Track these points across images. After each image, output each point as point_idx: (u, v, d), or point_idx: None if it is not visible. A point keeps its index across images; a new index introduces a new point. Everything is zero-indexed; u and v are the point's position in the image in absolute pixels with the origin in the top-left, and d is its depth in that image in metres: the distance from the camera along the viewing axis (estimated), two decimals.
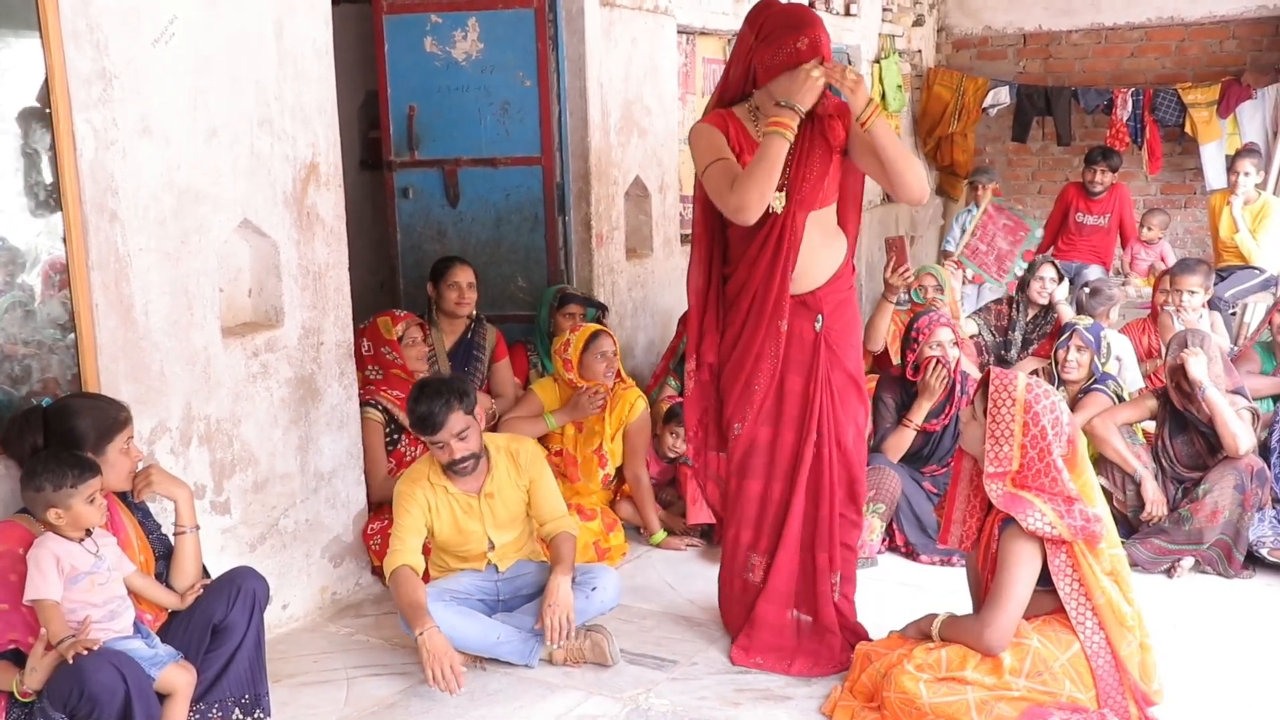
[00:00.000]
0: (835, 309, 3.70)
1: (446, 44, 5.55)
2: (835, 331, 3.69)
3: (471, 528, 3.83)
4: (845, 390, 3.72)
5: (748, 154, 3.55)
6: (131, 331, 3.49)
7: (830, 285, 3.68)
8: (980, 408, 3.32)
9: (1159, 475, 4.68)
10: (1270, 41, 8.90)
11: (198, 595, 3.19)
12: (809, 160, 3.56)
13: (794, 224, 3.57)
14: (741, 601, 3.85)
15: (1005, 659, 3.18)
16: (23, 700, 2.84)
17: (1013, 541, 3.21)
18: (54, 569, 2.85)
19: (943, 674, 3.20)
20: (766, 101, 3.51)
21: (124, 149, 3.41)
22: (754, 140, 3.57)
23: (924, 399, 4.78)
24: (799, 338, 3.68)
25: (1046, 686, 3.15)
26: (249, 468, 3.92)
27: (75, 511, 2.88)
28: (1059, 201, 8.33)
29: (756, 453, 3.76)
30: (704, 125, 3.63)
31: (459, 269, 5.09)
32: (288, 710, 3.48)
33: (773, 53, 3.44)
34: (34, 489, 2.88)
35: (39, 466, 2.89)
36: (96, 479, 2.92)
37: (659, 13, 6.23)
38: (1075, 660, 3.20)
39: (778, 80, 3.43)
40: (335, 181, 4.17)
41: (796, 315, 3.66)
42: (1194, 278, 5.73)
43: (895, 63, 9.09)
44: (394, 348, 4.73)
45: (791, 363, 3.68)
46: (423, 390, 3.72)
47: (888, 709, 3.22)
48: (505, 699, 3.56)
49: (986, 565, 3.37)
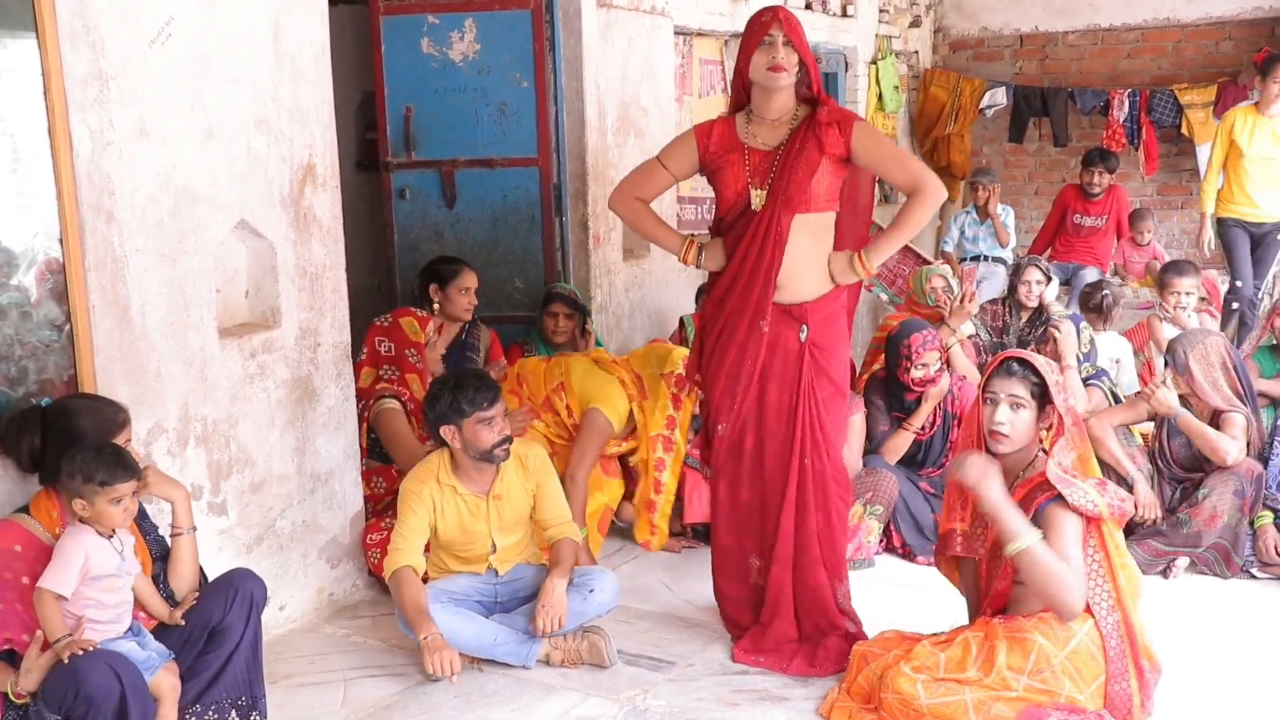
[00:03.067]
0: (822, 321, 3.70)
1: (443, 45, 5.55)
2: (821, 342, 3.68)
3: (477, 529, 3.83)
4: (831, 401, 3.72)
5: (729, 152, 3.67)
6: (128, 332, 3.49)
7: (820, 302, 3.69)
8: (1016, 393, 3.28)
9: (1156, 476, 4.68)
10: (1266, 42, 8.90)
11: (189, 607, 3.17)
12: (796, 160, 3.58)
13: (778, 224, 3.58)
14: (742, 605, 3.86)
15: (1004, 656, 3.17)
16: (17, 702, 2.83)
17: (1057, 513, 3.20)
18: (79, 567, 2.84)
19: (941, 674, 3.20)
20: (758, 99, 3.65)
21: (121, 150, 3.40)
22: (739, 141, 3.67)
23: (930, 401, 4.79)
24: (783, 347, 3.67)
25: (1046, 685, 3.15)
26: (246, 469, 3.92)
27: (98, 509, 2.87)
28: (1057, 203, 8.34)
29: (743, 460, 3.76)
30: (688, 131, 3.82)
31: (467, 273, 5.06)
32: (284, 712, 3.48)
33: (745, 43, 3.61)
34: (67, 475, 2.88)
35: (77, 454, 2.88)
36: (126, 484, 2.90)
37: (656, 14, 6.23)
38: (1074, 656, 3.19)
39: (753, 62, 3.58)
40: (332, 182, 4.16)
41: (781, 324, 3.67)
42: (1187, 280, 5.74)
43: (892, 64, 9.10)
44: (419, 350, 4.69)
45: (774, 373, 3.67)
46: (459, 377, 3.79)
47: (885, 710, 3.22)
48: (502, 700, 3.56)
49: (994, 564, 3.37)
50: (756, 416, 3.73)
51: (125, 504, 2.91)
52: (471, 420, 3.70)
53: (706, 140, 3.70)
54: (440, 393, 3.76)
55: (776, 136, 3.64)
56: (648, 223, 3.90)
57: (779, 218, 3.58)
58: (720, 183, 3.71)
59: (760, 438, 3.74)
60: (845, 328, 3.85)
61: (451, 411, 3.71)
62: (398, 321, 4.73)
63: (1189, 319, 5.73)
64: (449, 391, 3.73)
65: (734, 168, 3.66)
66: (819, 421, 3.68)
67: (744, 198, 3.65)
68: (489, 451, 3.74)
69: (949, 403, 4.90)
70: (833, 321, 3.73)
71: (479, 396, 3.71)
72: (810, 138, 3.59)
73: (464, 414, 3.70)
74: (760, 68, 3.56)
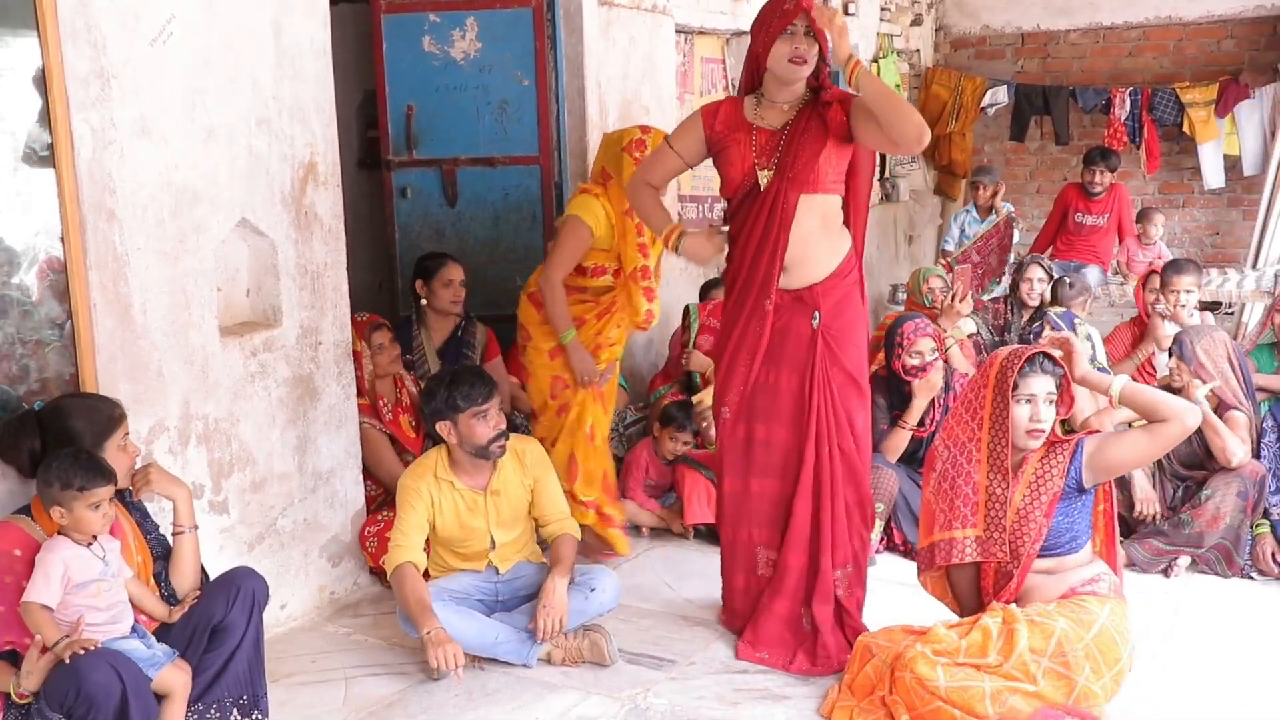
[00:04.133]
0: (835, 306, 3.69)
1: (445, 43, 5.55)
2: (835, 329, 3.69)
3: (475, 525, 3.83)
4: (845, 389, 3.71)
5: (734, 131, 3.68)
6: (129, 331, 3.49)
7: (829, 281, 3.68)
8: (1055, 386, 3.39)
9: (1157, 473, 4.68)
10: (1268, 41, 8.90)
11: (189, 608, 3.17)
12: (802, 139, 3.60)
13: (785, 202, 3.60)
14: (748, 596, 3.86)
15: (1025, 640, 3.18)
16: (19, 702, 2.83)
17: (1097, 438, 3.41)
18: (59, 576, 2.84)
19: (961, 659, 3.19)
20: (771, 86, 3.64)
21: (122, 149, 3.41)
22: (746, 121, 3.69)
23: (921, 396, 4.78)
24: (795, 334, 3.68)
25: (1068, 670, 3.15)
26: (247, 467, 3.92)
27: (77, 515, 2.87)
28: (1058, 202, 8.33)
29: (756, 450, 3.77)
30: (694, 113, 3.82)
31: (451, 266, 5.04)
32: (286, 710, 3.48)
33: (765, 29, 3.57)
34: (44, 483, 2.88)
35: (54, 462, 2.88)
36: (105, 489, 2.90)
37: (657, 12, 6.23)
38: (1098, 639, 3.19)
39: (773, 51, 3.55)
40: (333, 181, 4.16)
41: (793, 311, 3.67)
42: (1187, 278, 5.73)
43: (893, 62, 9.09)
44: (356, 359, 4.46)
45: (786, 359, 3.68)
46: (456, 372, 3.80)
47: (898, 690, 3.19)
48: (504, 699, 3.56)
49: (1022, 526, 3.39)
50: (769, 405, 3.73)
51: (104, 509, 2.91)
52: (466, 415, 3.71)
53: (713, 120, 3.72)
54: (436, 388, 3.77)
55: (784, 118, 3.66)
56: (647, 204, 3.94)
57: (785, 196, 3.59)
58: (726, 162, 3.72)
59: (772, 426, 3.74)
60: (860, 315, 3.79)
61: (447, 407, 3.72)
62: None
63: (1190, 317, 5.73)
64: (444, 387, 3.74)
65: (740, 147, 3.67)
66: (835, 409, 3.69)
67: (750, 177, 3.66)
68: (484, 447, 3.74)
69: (950, 399, 4.90)
70: (846, 307, 3.71)
71: (474, 392, 3.71)
72: (815, 117, 3.61)
73: (459, 409, 3.71)
74: (781, 58, 3.55)
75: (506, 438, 3.81)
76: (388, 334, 4.68)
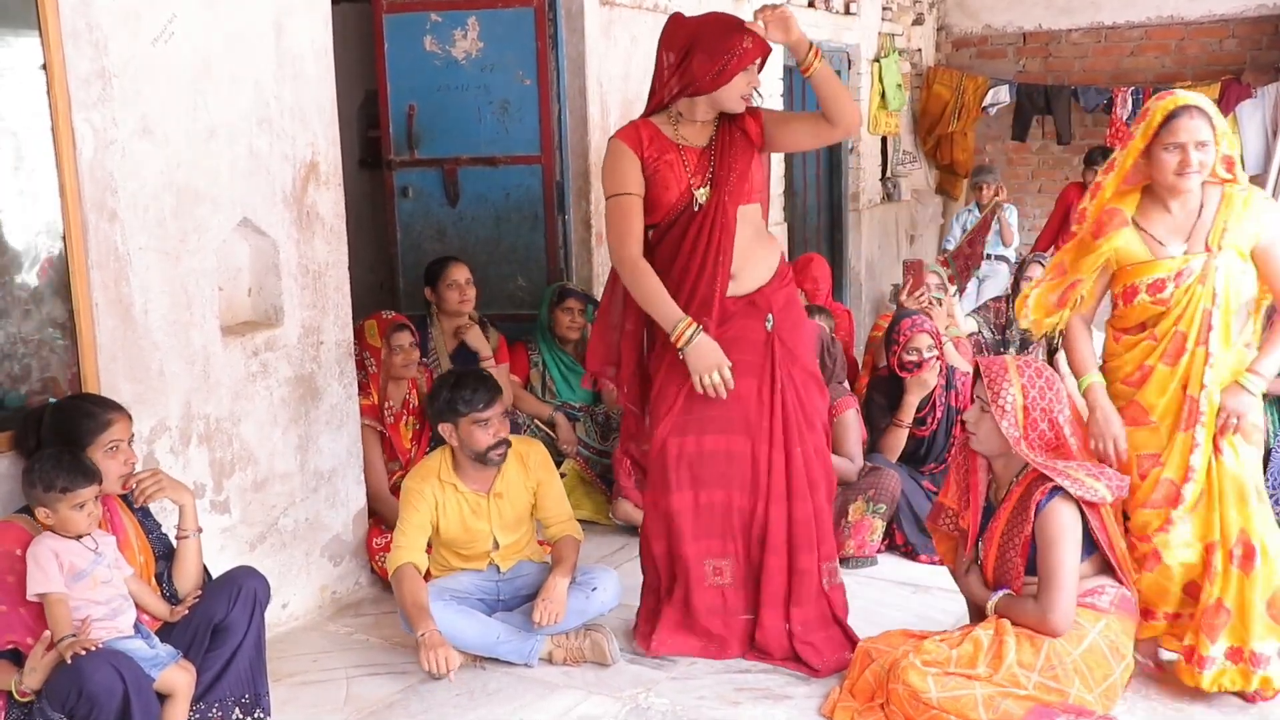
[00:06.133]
0: (784, 307, 3.72)
1: (446, 43, 5.55)
2: (787, 328, 3.71)
3: (479, 527, 3.83)
4: (808, 386, 3.74)
5: (665, 153, 3.63)
6: (131, 330, 3.49)
7: (775, 283, 3.72)
8: (984, 396, 3.36)
9: None
10: (1270, 40, 8.90)
11: (189, 607, 3.16)
12: (731, 152, 3.64)
13: (725, 215, 3.61)
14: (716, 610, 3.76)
15: (1014, 654, 3.18)
16: (21, 700, 2.84)
17: (1054, 516, 3.22)
18: (54, 564, 2.84)
19: (952, 669, 3.20)
20: (700, 107, 3.61)
21: (123, 148, 3.41)
22: (670, 141, 3.65)
23: (913, 394, 4.78)
24: (748, 340, 3.66)
25: (1057, 683, 3.15)
26: (249, 467, 3.92)
27: (61, 516, 2.88)
28: (1060, 201, 8.33)
29: (707, 461, 3.69)
30: (617, 143, 3.67)
31: (454, 267, 5.05)
32: (287, 709, 3.48)
33: (714, 61, 3.50)
34: (29, 483, 2.90)
35: (36, 463, 2.90)
36: (88, 489, 2.89)
37: (658, 11, 6.23)
38: (1087, 655, 3.20)
39: (731, 85, 3.54)
40: (335, 180, 4.16)
41: (746, 316, 3.67)
42: None
43: (895, 61, 9.09)
44: (375, 355, 4.55)
45: (739, 366, 3.62)
46: (461, 375, 3.79)
47: (894, 702, 3.21)
48: (505, 698, 3.56)
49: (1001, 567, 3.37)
50: (722, 414, 3.65)
51: (89, 509, 2.91)
52: (467, 420, 3.71)
53: (639, 148, 3.63)
54: (440, 389, 3.78)
55: (704, 135, 3.67)
56: (651, 288, 3.61)
57: (725, 209, 3.61)
58: (659, 185, 3.62)
59: (729, 436, 3.67)
60: (804, 313, 3.93)
61: (448, 410, 3.72)
62: (363, 323, 4.59)
63: None
64: (447, 389, 3.74)
65: (672, 169, 3.62)
66: (804, 406, 3.69)
67: (686, 197, 3.64)
68: (483, 454, 3.74)
69: (952, 398, 4.90)
70: (793, 307, 3.78)
71: (475, 397, 3.71)
72: (734, 130, 3.65)
73: (459, 414, 3.71)
74: (735, 93, 3.55)
75: (508, 445, 3.80)
76: (409, 336, 4.61)
